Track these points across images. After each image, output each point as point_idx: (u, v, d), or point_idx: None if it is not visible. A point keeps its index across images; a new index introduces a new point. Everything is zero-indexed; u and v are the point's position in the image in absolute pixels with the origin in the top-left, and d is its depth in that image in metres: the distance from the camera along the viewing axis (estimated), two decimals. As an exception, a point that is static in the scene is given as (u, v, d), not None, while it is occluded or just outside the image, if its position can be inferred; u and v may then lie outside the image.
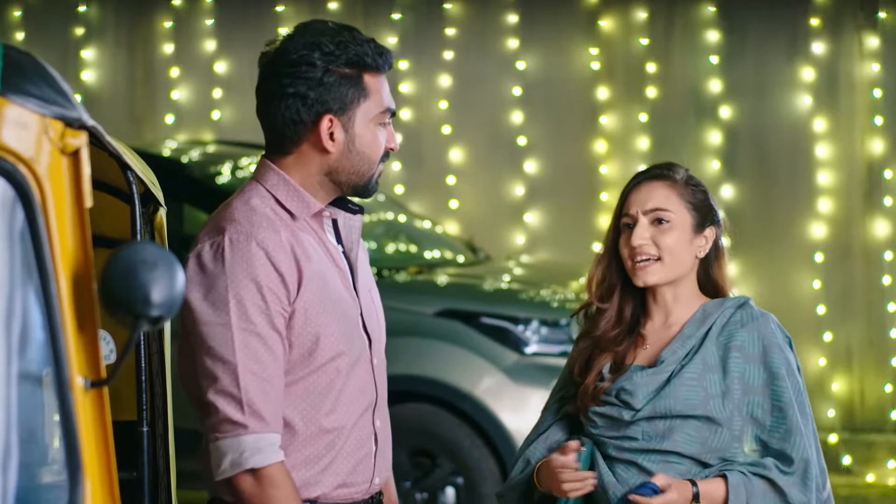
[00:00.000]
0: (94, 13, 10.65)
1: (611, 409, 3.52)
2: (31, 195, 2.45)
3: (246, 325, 3.18)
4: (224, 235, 3.24)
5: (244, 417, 3.17)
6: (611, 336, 3.61)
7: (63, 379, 2.45)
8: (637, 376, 3.51)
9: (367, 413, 3.37)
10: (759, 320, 3.52)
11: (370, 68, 3.30)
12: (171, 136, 10.37)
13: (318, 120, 3.27)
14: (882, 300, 9.63)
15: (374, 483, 3.40)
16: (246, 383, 3.17)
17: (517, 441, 7.12)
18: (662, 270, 3.55)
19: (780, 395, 3.46)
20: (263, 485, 3.18)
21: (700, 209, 3.58)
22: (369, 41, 3.32)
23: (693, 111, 9.95)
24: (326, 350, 3.27)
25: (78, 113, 2.54)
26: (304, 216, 3.32)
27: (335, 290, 3.31)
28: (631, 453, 3.50)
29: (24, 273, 2.46)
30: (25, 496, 2.46)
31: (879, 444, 9.41)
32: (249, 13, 10.40)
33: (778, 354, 3.49)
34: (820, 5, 9.75)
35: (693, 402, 3.45)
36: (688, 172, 3.63)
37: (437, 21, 10.14)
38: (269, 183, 3.33)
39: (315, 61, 3.25)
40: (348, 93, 3.27)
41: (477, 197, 10.13)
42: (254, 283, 3.20)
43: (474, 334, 7.31)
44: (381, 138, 3.34)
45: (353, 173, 3.32)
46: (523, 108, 10.09)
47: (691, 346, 3.52)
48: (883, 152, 9.68)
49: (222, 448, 3.19)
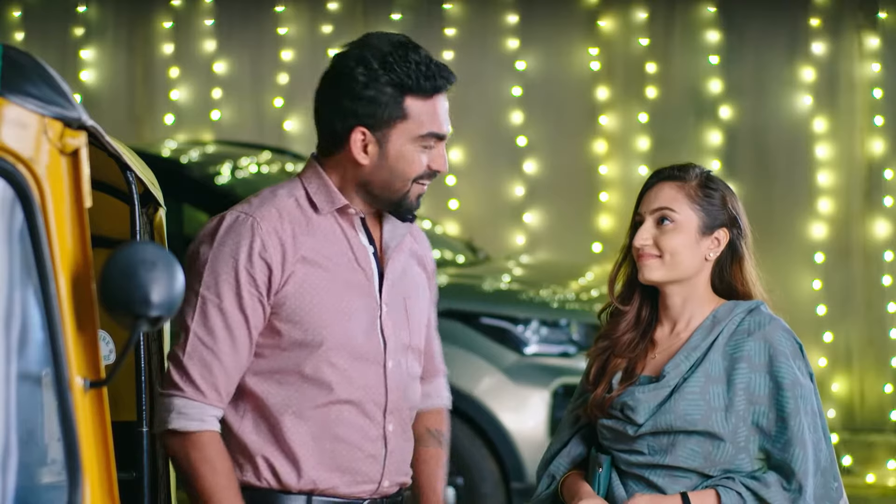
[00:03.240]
0: (94, 13, 10.65)
1: (616, 423, 3.50)
2: (31, 195, 2.45)
3: (212, 296, 3.28)
4: (228, 212, 3.35)
5: (181, 381, 3.28)
6: (626, 339, 3.57)
7: (62, 379, 2.45)
8: (639, 391, 3.48)
9: (377, 414, 3.38)
10: (767, 328, 3.48)
11: (414, 91, 3.34)
12: (170, 136, 10.37)
13: (350, 132, 3.32)
14: (882, 300, 9.63)
15: (383, 485, 3.41)
16: (192, 349, 3.28)
17: (517, 441, 7.12)
18: (664, 268, 3.52)
19: (784, 406, 3.42)
20: (185, 445, 3.27)
21: (710, 211, 3.54)
22: (421, 62, 3.34)
23: (693, 111, 9.95)
24: (317, 340, 3.30)
25: (77, 113, 2.54)
26: (327, 210, 3.36)
27: (342, 285, 3.34)
28: (639, 468, 3.48)
29: (23, 273, 2.45)
30: (25, 496, 2.45)
31: (879, 445, 9.40)
32: (249, 13, 10.40)
33: (784, 363, 3.44)
34: (820, 5, 9.75)
35: (694, 418, 3.42)
36: (705, 174, 3.58)
37: (436, 21, 10.14)
38: (306, 176, 3.41)
39: (357, 76, 3.31)
40: (385, 112, 3.31)
41: (476, 197, 10.13)
42: (233, 260, 3.28)
43: (474, 334, 7.31)
44: (420, 159, 3.38)
45: (385, 188, 3.36)
46: (523, 108, 10.09)
47: (696, 358, 3.48)
48: (883, 152, 9.68)
49: (159, 404, 3.31)
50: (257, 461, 3.32)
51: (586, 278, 8.40)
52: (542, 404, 7.17)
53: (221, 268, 3.28)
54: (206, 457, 3.25)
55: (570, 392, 7.21)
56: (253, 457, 3.33)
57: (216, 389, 3.28)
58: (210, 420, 3.28)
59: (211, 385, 3.28)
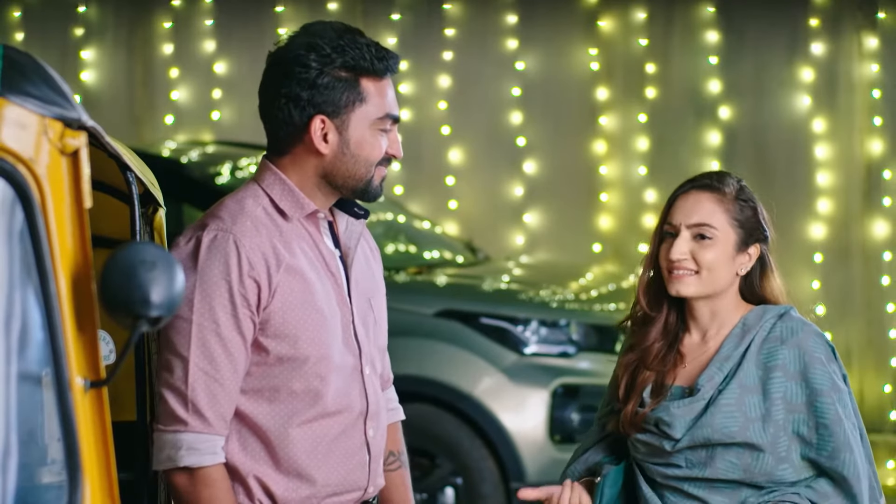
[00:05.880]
0: (94, 13, 10.65)
1: (652, 438, 3.45)
2: (31, 196, 2.45)
3: (208, 323, 3.18)
4: (204, 231, 3.23)
5: (187, 415, 3.18)
6: (655, 349, 3.50)
7: (62, 379, 2.45)
8: (674, 406, 3.42)
9: (359, 422, 3.35)
10: (800, 334, 3.42)
11: (368, 72, 3.28)
12: (170, 136, 10.37)
13: (309, 121, 3.25)
14: (881, 300, 9.63)
15: (368, 491, 3.38)
16: (194, 381, 3.17)
17: (516, 441, 7.13)
18: (699, 284, 3.45)
19: (824, 412, 3.37)
20: (196, 483, 3.18)
21: (746, 226, 3.49)
22: (371, 45, 3.29)
23: (692, 111, 9.95)
24: (305, 354, 3.24)
25: (77, 113, 2.54)
26: (297, 217, 3.29)
27: (320, 294, 3.27)
28: (676, 481, 3.44)
29: (23, 273, 2.45)
30: (25, 497, 2.45)
31: (879, 445, 9.40)
32: (249, 14, 10.40)
33: (819, 370, 3.39)
34: (819, 6, 9.75)
35: (731, 430, 3.37)
36: (740, 185, 3.53)
37: (436, 21, 10.14)
38: (265, 182, 3.31)
39: (310, 63, 3.24)
40: (342, 96, 3.25)
41: (476, 197, 10.13)
42: (225, 283, 3.18)
43: (473, 335, 7.31)
44: (381, 143, 3.32)
45: (349, 176, 3.29)
46: (522, 108, 10.09)
47: (729, 369, 3.42)
48: (882, 152, 9.68)
49: (161, 441, 3.20)
50: (249, 483, 3.25)
51: (586, 278, 8.40)
52: (541, 404, 7.17)
53: (214, 292, 3.18)
54: (216, 495, 3.17)
55: (569, 392, 7.21)
56: (245, 478, 3.25)
57: (223, 418, 3.20)
58: (220, 452, 3.21)
59: (218, 414, 3.19)
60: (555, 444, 7.12)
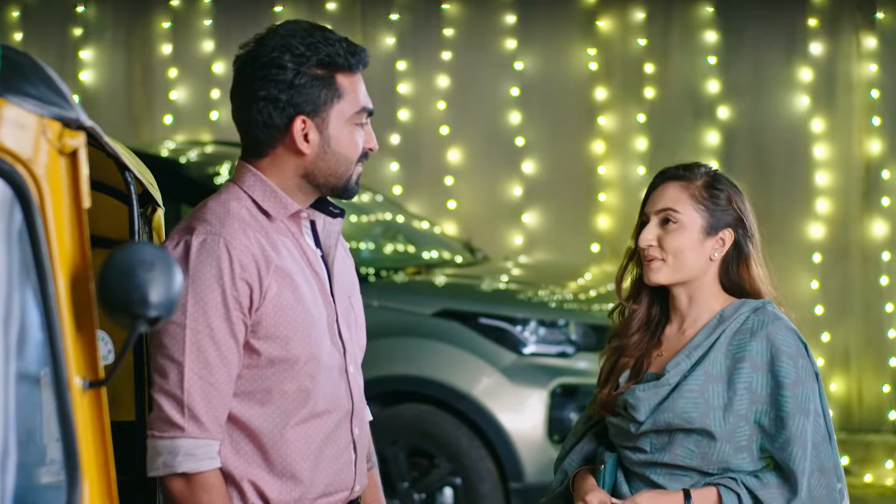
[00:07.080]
0: (93, 13, 10.65)
1: (621, 421, 3.54)
2: (29, 196, 2.45)
3: (202, 327, 3.16)
4: (192, 235, 3.21)
5: (183, 420, 3.16)
6: (636, 338, 3.60)
7: (61, 379, 2.45)
8: (640, 389, 3.50)
9: (345, 422, 3.35)
10: (771, 327, 3.47)
11: (343, 68, 3.26)
12: (169, 136, 10.37)
13: (290, 122, 3.24)
14: (880, 300, 9.64)
15: (355, 490, 3.38)
16: (190, 385, 3.16)
17: (515, 441, 7.13)
18: (668, 270, 3.53)
19: (782, 405, 3.43)
20: (194, 489, 3.16)
21: (715, 212, 3.55)
22: (341, 40, 3.28)
23: (691, 111, 9.95)
24: (297, 355, 3.23)
25: (76, 113, 2.54)
26: (280, 217, 3.28)
27: (307, 294, 3.27)
28: (640, 466, 3.52)
29: (22, 273, 2.45)
30: (24, 497, 2.45)
31: (877, 445, 9.40)
32: (248, 14, 10.39)
33: (786, 363, 3.44)
34: (818, 6, 9.75)
35: (691, 416, 3.43)
36: (712, 174, 3.60)
37: (435, 21, 10.14)
38: (246, 184, 3.29)
39: (285, 63, 3.23)
40: (321, 94, 3.24)
41: (475, 197, 10.13)
42: (218, 287, 3.17)
43: (472, 335, 7.31)
44: (359, 138, 3.30)
45: (331, 175, 3.28)
46: (521, 108, 10.09)
47: (697, 357, 3.49)
48: (881, 152, 9.68)
49: (157, 447, 3.18)
50: (243, 486, 3.24)
51: (585, 278, 8.41)
52: (540, 404, 7.17)
53: (207, 296, 3.16)
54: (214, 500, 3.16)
55: (568, 392, 7.21)
56: (239, 482, 3.23)
57: (219, 422, 3.19)
58: (217, 457, 3.19)
59: (214, 419, 3.18)
60: (553, 443, 7.12)
